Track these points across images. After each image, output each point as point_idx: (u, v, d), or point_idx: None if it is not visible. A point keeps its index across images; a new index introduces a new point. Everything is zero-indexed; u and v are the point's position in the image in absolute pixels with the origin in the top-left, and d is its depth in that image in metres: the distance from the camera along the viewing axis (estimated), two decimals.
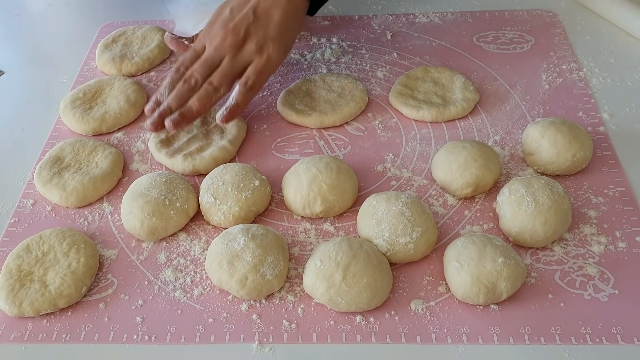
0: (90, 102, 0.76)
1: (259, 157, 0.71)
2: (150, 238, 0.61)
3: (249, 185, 0.61)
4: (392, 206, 0.57)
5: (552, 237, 0.57)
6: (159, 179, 0.63)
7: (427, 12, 0.91)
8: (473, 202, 0.63)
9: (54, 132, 0.76)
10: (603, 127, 0.70)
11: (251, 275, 0.54)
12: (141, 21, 0.93)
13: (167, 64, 0.85)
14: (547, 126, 0.64)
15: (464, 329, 0.52)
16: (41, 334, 0.55)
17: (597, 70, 0.78)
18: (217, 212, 0.61)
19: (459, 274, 0.53)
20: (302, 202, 0.61)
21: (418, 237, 0.56)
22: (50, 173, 0.67)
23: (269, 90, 0.79)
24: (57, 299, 0.55)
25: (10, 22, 0.99)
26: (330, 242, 0.56)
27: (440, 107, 0.72)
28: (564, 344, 0.51)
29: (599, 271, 0.56)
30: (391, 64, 0.82)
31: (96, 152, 0.69)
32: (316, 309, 0.55)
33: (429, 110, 0.72)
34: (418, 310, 0.54)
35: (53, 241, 0.59)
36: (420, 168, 0.68)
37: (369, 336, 0.53)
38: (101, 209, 0.66)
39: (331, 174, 0.61)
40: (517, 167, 0.66)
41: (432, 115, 0.72)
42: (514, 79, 0.78)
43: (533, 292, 0.55)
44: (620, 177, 0.64)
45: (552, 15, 0.88)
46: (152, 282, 0.58)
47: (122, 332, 0.54)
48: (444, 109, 0.72)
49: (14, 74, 0.87)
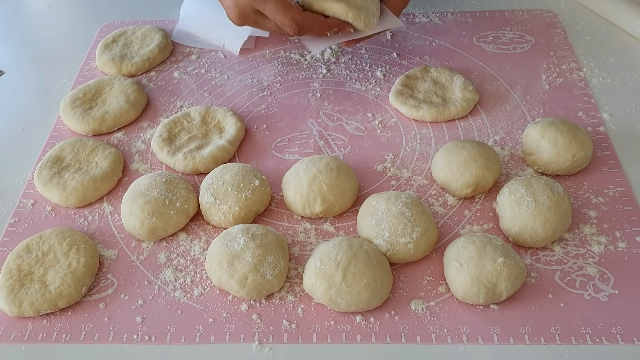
0: (90, 102, 0.76)
1: (259, 157, 0.71)
2: (150, 238, 0.61)
3: (249, 185, 0.61)
4: (392, 206, 0.57)
5: (552, 237, 0.57)
6: (159, 179, 0.63)
7: (427, 12, 0.91)
8: (473, 202, 0.63)
9: (54, 132, 0.76)
10: (603, 127, 0.70)
11: (251, 275, 0.54)
12: (141, 21, 0.93)
13: (167, 64, 0.85)
14: (547, 126, 0.64)
15: (464, 329, 0.52)
16: (41, 334, 0.55)
17: (597, 70, 0.78)
18: (217, 212, 0.61)
19: (459, 274, 0.53)
20: (302, 202, 0.61)
21: (418, 237, 0.56)
22: (50, 173, 0.67)
23: (269, 90, 0.79)
24: (57, 299, 0.55)
25: (10, 22, 0.99)
26: (330, 242, 0.56)
27: (440, 107, 0.72)
28: (564, 344, 0.51)
29: (599, 271, 0.56)
30: (391, 64, 0.82)
31: (96, 152, 0.69)
32: (316, 309, 0.55)
33: (428, 110, 0.72)
34: (418, 310, 0.54)
35: (53, 241, 0.59)
36: (420, 168, 0.68)
37: (369, 336, 0.53)
38: (101, 209, 0.66)
39: (331, 173, 0.61)
40: (517, 167, 0.66)
41: (432, 115, 0.72)
42: (514, 79, 0.78)
43: (533, 292, 0.55)
44: (620, 177, 0.64)
45: (552, 15, 0.88)
46: (152, 282, 0.58)
47: (122, 332, 0.54)
48: (443, 108, 0.72)
49: (14, 74, 0.87)
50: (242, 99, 0.79)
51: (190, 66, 0.84)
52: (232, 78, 0.82)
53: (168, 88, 0.81)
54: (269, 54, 0.85)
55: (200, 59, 0.85)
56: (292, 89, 0.79)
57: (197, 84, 0.81)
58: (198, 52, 0.87)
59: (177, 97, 0.80)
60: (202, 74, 0.83)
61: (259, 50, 0.86)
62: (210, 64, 0.84)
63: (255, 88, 0.80)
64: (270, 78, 0.81)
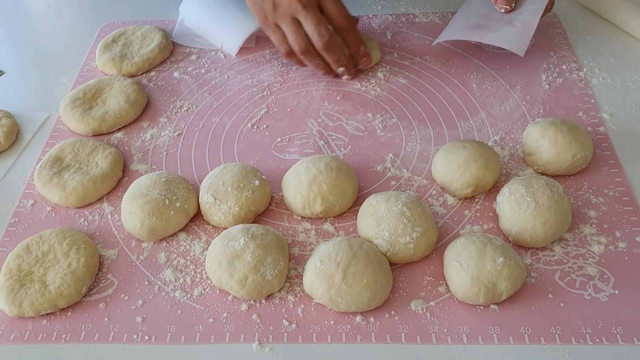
0: (90, 102, 0.76)
1: (259, 157, 0.71)
2: (150, 238, 0.61)
3: (249, 185, 0.61)
4: (392, 206, 0.57)
5: (552, 237, 0.57)
6: (159, 179, 0.63)
7: (427, 12, 0.91)
8: (473, 202, 0.63)
9: (54, 132, 0.76)
10: (603, 127, 0.70)
11: (251, 275, 0.54)
12: (141, 21, 0.93)
13: (167, 64, 0.85)
14: (547, 126, 0.64)
15: (464, 329, 0.52)
16: (41, 334, 0.55)
17: (597, 70, 0.78)
18: (217, 212, 0.61)
19: (459, 274, 0.53)
20: (302, 202, 0.61)
21: (418, 237, 0.56)
22: (50, 173, 0.67)
23: (269, 90, 0.79)
24: (57, 299, 0.55)
25: (10, 22, 0.99)
26: (330, 242, 0.56)
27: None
28: (564, 344, 0.51)
29: (599, 271, 0.56)
30: (391, 64, 0.82)
31: (96, 152, 0.69)
32: (316, 309, 0.55)
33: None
34: (418, 310, 0.54)
35: (53, 241, 0.59)
36: (420, 168, 0.68)
37: (369, 336, 0.53)
38: (101, 209, 0.66)
39: (331, 173, 0.61)
40: (517, 167, 0.66)
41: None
42: (514, 79, 0.78)
43: (533, 292, 0.55)
44: (620, 177, 0.64)
45: (552, 15, 0.88)
46: (152, 282, 0.58)
47: (122, 332, 0.54)
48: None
49: (14, 74, 0.87)
50: (242, 99, 0.79)
51: (190, 66, 0.84)
52: (232, 78, 0.82)
53: (168, 88, 0.81)
54: (269, 54, 0.85)
55: (200, 59, 0.85)
56: (292, 89, 0.79)
57: (197, 84, 0.81)
58: (198, 52, 0.87)
59: (177, 97, 0.80)
60: (202, 74, 0.83)
61: (259, 50, 0.86)
62: (210, 64, 0.84)
63: (255, 88, 0.80)
64: (270, 78, 0.81)
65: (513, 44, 0.73)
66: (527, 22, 0.74)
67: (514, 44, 0.73)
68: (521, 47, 0.73)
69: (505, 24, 0.75)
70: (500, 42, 0.74)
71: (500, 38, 0.74)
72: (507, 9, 0.75)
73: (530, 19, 0.74)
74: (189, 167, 0.70)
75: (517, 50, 0.73)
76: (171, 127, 0.75)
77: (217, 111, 0.77)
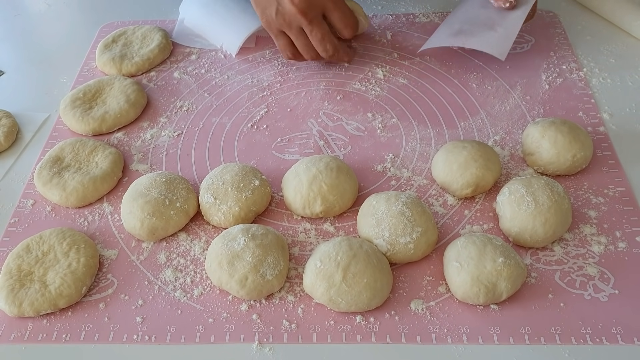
0: (90, 102, 0.76)
1: (259, 157, 0.71)
2: (150, 238, 0.61)
3: (249, 185, 0.61)
4: (392, 206, 0.57)
5: (552, 237, 0.57)
6: (159, 179, 0.63)
7: (427, 12, 0.91)
8: (473, 202, 0.63)
9: (54, 132, 0.76)
10: (603, 127, 0.70)
11: (251, 275, 0.54)
12: (141, 21, 0.93)
13: (167, 64, 0.85)
14: (547, 126, 0.64)
15: (464, 329, 0.52)
16: (41, 334, 0.55)
17: (597, 70, 0.78)
18: (217, 212, 0.61)
19: (459, 274, 0.53)
20: (302, 202, 0.61)
21: (418, 237, 0.56)
22: (50, 173, 0.67)
23: (269, 90, 0.79)
24: (57, 299, 0.55)
25: (10, 22, 0.99)
26: (330, 242, 0.56)
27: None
28: (564, 344, 0.51)
29: (599, 271, 0.56)
30: (391, 64, 0.82)
31: (96, 152, 0.69)
32: (316, 309, 0.55)
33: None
34: (418, 310, 0.54)
35: (53, 241, 0.59)
36: (420, 168, 0.68)
37: (369, 336, 0.53)
38: (101, 209, 0.66)
39: (331, 173, 0.61)
40: (517, 167, 0.66)
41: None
42: (514, 79, 0.78)
43: (533, 292, 0.55)
44: (620, 177, 0.64)
45: (552, 15, 0.88)
46: (152, 282, 0.58)
47: (122, 332, 0.54)
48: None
49: (14, 74, 0.87)
50: (242, 99, 0.79)
51: (190, 66, 0.84)
52: (232, 78, 0.82)
53: (168, 88, 0.81)
54: (269, 54, 0.85)
55: (200, 59, 0.85)
56: (292, 89, 0.80)
57: (197, 84, 0.81)
58: (198, 52, 0.87)
59: (177, 97, 0.80)
60: (202, 74, 0.83)
61: (259, 50, 0.86)
62: (210, 64, 0.84)
63: (255, 88, 0.80)
64: (270, 78, 0.82)
65: (494, 48, 0.73)
66: (509, 27, 0.74)
67: (495, 48, 0.73)
68: (502, 51, 0.73)
69: (487, 29, 0.75)
70: (482, 47, 0.74)
71: (482, 42, 0.74)
72: (512, 3, 0.74)
73: (513, 25, 0.74)
74: (189, 167, 0.70)
75: (498, 54, 0.73)
76: (171, 127, 0.75)
77: (217, 111, 0.77)
